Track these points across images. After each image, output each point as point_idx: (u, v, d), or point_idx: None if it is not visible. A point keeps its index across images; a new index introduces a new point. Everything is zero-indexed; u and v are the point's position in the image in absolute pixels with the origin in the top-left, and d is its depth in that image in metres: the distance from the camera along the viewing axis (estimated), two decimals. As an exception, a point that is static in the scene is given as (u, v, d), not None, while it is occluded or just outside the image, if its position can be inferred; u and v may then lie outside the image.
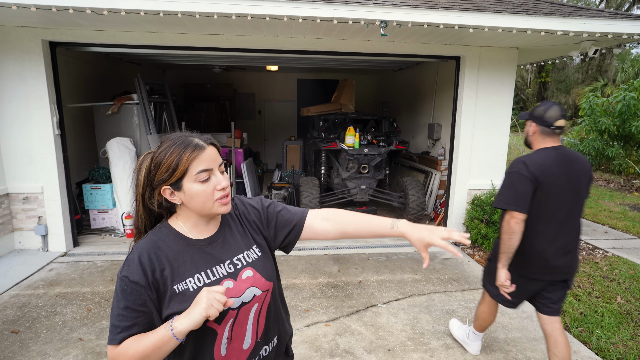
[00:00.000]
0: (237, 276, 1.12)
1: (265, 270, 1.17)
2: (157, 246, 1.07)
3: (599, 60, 21.41)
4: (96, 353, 2.78)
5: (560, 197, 2.20)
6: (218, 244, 1.14)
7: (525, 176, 2.17)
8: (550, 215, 2.22)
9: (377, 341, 3.00)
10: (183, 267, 1.07)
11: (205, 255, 1.11)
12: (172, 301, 1.04)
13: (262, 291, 1.15)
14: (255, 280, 1.14)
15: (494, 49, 4.92)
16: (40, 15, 3.69)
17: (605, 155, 9.40)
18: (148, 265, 1.04)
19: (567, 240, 2.25)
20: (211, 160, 1.07)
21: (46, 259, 4.42)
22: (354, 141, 5.83)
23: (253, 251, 1.18)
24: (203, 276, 1.08)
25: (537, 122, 2.28)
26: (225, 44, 4.58)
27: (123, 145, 5.32)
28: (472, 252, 4.90)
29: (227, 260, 1.13)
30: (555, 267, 2.26)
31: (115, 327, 1.02)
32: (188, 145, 1.06)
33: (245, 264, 1.15)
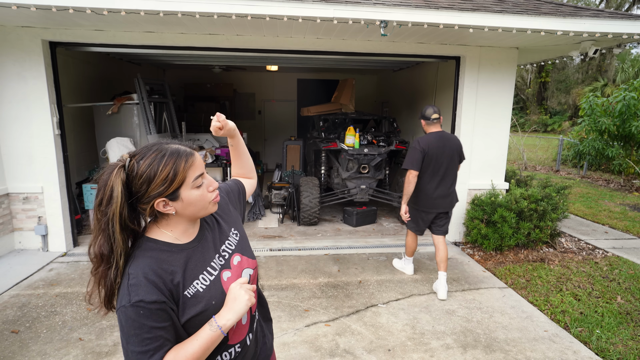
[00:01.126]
0: (230, 264, 1.19)
1: (246, 250, 1.28)
2: (155, 259, 1.04)
3: (599, 60, 21.42)
4: (96, 353, 2.78)
5: (440, 162, 3.66)
6: (204, 240, 1.18)
7: (418, 149, 3.63)
8: (434, 173, 3.68)
9: (377, 341, 3.00)
10: (187, 273, 1.08)
11: (199, 255, 1.14)
12: (187, 306, 1.04)
13: (253, 269, 1.26)
14: (244, 262, 1.24)
15: (494, 49, 4.92)
16: (40, 15, 3.69)
17: (605, 155, 9.39)
18: (159, 280, 1.01)
19: (445, 188, 3.72)
20: (201, 164, 1.10)
21: (46, 259, 4.42)
22: (354, 141, 5.83)
23: (232, 236, 1.26)
24: (206, 274, 1.12)
25: (423, 119, 3.75)
26: (225, 44, 4.58)
27: (123, 145, 5.32)
28: (472, 252, 4.90)
29: (217, 254, 1.18)
30: (439, 205, 3.74)
31: (145, 354, 0.96)
32: (180, 154, 1.05)
33: (231, 251, 1.22)
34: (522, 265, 4.47)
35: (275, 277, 4.07)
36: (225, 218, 1.29)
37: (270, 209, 6.58)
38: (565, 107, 24.67)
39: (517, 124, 15.31)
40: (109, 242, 0.99)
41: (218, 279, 1.13)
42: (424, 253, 4.85)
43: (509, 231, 4.59)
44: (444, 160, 3.65)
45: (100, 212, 1.00)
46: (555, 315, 3.43)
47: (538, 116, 25.31)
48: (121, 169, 1.02)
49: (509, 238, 4.67)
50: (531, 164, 12.93)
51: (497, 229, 4.64)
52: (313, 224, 5.87)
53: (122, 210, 0.99)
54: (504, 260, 4.61)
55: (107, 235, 0.99)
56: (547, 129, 23.33)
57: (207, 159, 6.15)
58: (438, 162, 3.64)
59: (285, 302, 3.54)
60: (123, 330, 0.98)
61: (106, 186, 0.99)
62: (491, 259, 4.66)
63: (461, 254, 4.84)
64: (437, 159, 3.63)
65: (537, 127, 21.66)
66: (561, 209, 4.85)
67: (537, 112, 26.14)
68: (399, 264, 4.34)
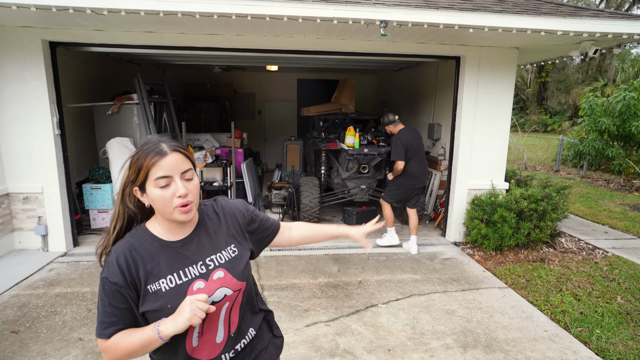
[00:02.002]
0: (208, 277, 1.16)
1: (237, 270, 1.21)
2: (133, 247, 1.12)
3: (599, 60, 21.42)
4: (96, 353, 2.78)
5: (414, 148, 4.78)
6: (192, 245, 1.18)
7: (400, 144, 4.72)
8: (413, 157, 4.78)
9: (377, 341, 3.00)
10: (157, 268, 1.12)
11: (178, 256, 1.15)
12: (146, 300, 1.10)
13: (233, 291, 1.19)
14: (226, 280, 1.18)
15: (494, 49, 4.92)
16: (40, 15, 3.69)
17: (605, 155, 9.39)
18: (125, 267, 1.10)
19: (422, 166, 4.85)
20: (170, 167, 1.08)
21: (46, 259, 4.42)
22: (354, 141, 5.83)
23: (228, 251, 1.23)
24: (175, 277, 1.13)
25: (389, 124, 4.95)
26: (225, 44, 4.58)
27: (123, 145, 5.32)
28: (472, 252, 4.90)
29: (200, 261, 1.17)
30: (421, 181, 4.87)
31: (103, 323, 1.10)
32: (152, 151, 1.09)
33: (217, 264, 1.19)
34: (522, 265, 4.47)
35: (275, 277, 4.07)
36: (229, 232, 1.26)
37: (270, 209, 6.58)
38: (565, 107, 24.67)
39: (517, 124, 15.31)
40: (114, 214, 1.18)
41: (185, 286, 1.12)
42: (424, 253, 4.85)
43: (509, 231, 4.59)
44: (417, 146, 4.82)
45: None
46: (555, 315, 3.43)
47: (538, 116, 25.31)
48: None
49: (509, 238, 4.67)
50: (531, 164, 12.93)
51: (497, 229, 4.64)
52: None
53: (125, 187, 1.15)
54: (504, 260, 4.61)
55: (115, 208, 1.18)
56: (547, 129, 23.33)
57: (207, 159, 6.15)
58: (413, 148, 4.79)
59: (285, 302, 3.54)
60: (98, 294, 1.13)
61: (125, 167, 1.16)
62: (491, 259, 4.66)
63: (461, 254, 4.85)
64: (413, 147, 4.78)
65: (537, 127, 21.66)
66: (561, 209, 4.85)
67: (537, 112, 26.15)
68: (386, 240, 5.02)
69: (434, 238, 5.42)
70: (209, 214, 1.27)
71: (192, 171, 1.15)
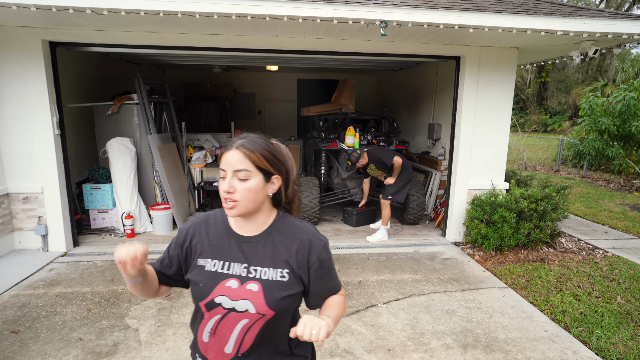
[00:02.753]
0: (244, 282, 1.14)
1: (272, 295, 1.12)
2: (206, 222, 1.25)
3: (599, 60, 21.43)
4: (96, 353, 2.78)
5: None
6: (249, 246, 1.19)
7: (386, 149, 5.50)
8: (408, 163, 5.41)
9: (377, 341, 3.00)
10: (211, 248, 1.20)
11: (232, 248, 1.19)
12: (193, 270, 1.20)
13: (257, 312, 1.12)
14: (255, 297, 1.12)
15: (494, 49, 4.92)
16: (40, 15, 3.69)
17: (605, 155, 9.39)
18: (190, 233, 1.24)
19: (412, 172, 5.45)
20: (226, 162, 1.13)
21: (46, 259, 4.42)
22: (354, 141, 5.83)
23: (277, 272, 1.15)
24: (219, 264, 1.18)
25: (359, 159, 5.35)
26: (225, 44, 4.58)
27: (123, 145, 5.32)
28: (472, 252, 4.90)
29: (245, 264, 1.16)
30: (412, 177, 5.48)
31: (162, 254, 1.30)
32: (227, 144, 1.18)
33: (258, 277, 1.14)
34: (522, 265, 4.47)
35: (275, 277, 4.07)
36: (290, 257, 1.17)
37: (270, 209, 6.56)
38: (565, 107, 24.67)
39: (517, 124, 15.30)
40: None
41: (221, 277, 1.16)
42: (424, 253, 4.85)
43: (509, 231, 4.59)
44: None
45: None
46: (555, 315, 3.43)
47: (538, 116, 25.31)
48: None
49: (509, 238, 4.67)
50: (531, 164, 12.93)
51: (497, 229, 4.64)
52: (313, 224, 5.86)
53: None
54: (504, 260, 4.61)
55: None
56: (547, 129, 23.32)
57: (207, 159, 6.15)
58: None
59: (285, 302, 3.53)
60: None
61: None
62: (491, 259, 4.66)
63: (461, 254, 4.85)
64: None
65: (537, 127, 21.66)
66: (561, 209, 4.85)
67: (537, 112, 26.14)
68: (378, 236, 5.25)
69: (434, 238, 5.43)
70: (283, 229, 1.20)
71: (248, 173, 1.11)
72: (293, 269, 1.16)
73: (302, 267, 1.17)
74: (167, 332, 3.05)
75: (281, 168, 1.19)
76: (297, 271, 1.17)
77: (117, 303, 3.48)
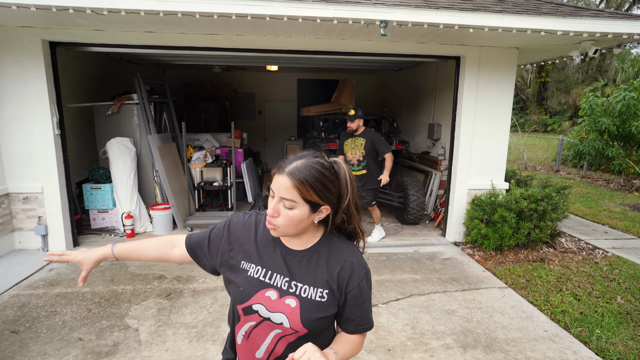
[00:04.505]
0: (283, 295, 1.15)
1: (308, 314, 1.12)
2: (257, 225, 1.25)
3: (599, 60, 21.42)
4: (96, 353, 2.78)
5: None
6: (294, 260, 1.18)
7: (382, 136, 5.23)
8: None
9: (377, 341, 3.00)
10: (256, 254, 1.20)
11: (277, 259, 1.19)
12: (233, 270, 1.21)
13: (291, 327, 1.12)
14: (291, 312, 1.12)
15: (494, 49, 4.92)
16: (40, 15, 3.69)
17: (605, 155, 9.39)
18: (241, 230, 1.24)
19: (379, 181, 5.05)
20: (276, 185, 1.11)
21: (46, 259, 4.41)
22: (354, 141, 5.82)
23: (317, 291, 1.14)
24: (262, 271, 1.18)
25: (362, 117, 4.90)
26: (225, 44, 4.58)
27: (123, 145, 5.32)
28: (472, 252, 4.90)
29: (287, 278, 1.16)
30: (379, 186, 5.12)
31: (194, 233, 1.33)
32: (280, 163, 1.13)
33: (297, 293, 1.14)
34: (522, 265, 4.47)
35: (275, 277, 4.07)
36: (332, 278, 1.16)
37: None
38: (565, 107, 24.67)
39: (517, 124, 15.30)
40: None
41: (262, 285, 1.16)
42: (424, 253, 4.85)
43: (509, 231, 4.59)
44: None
45: None
46: (555, 315, 3.43)
47: (538, 116, 25.31)
48: None
49: (509, 238, 4.66)
50: (531, 164, 12.93)
51: (497, 229, 4.64)
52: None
53: None
54: (504, 260, 4.61)
55: None
56: (547, 129, 23.32)
57: (207, 159, 6.15)
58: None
59: (285, 302, 3.53)
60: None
61: None
62: (491, 259, 4.66)
63: (461, 254, 4.84)
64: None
65: (537, 127, 21.66)
66: (561, 209, 4.85)
67: (537, 112, 26.14)
68: (376, 234, 5.26)
69: (434, 238, 5.43)
70: (329, 248, 1.19)
71: (294, 203, 1.08)
72: (333, 291, 1.15)
73: (341, 289, 1.16)
74: (167, 332, 3.05)
75: (332, 198, 1.13)
76: (336, 293, 1.16)
77: (117, 303, 3.48)
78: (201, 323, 3.16)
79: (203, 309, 3.39)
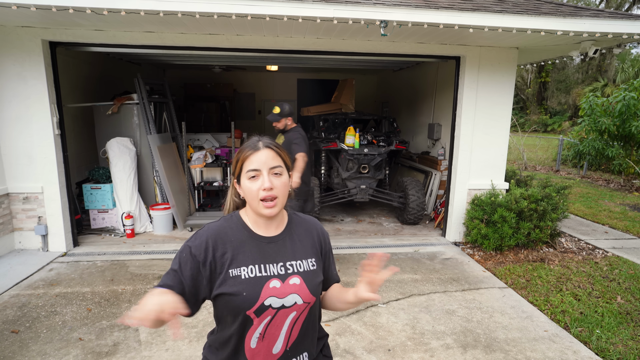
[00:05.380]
0: (285, 279, 1.20)
1: (312, 283, 1.23)
2: (224, 232, 1.20)
3: (599, 60, 21.42)
4: (96, 353, 2.78)
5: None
6: (277, 245, 1.23)
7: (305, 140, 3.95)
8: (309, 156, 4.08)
9: (377, 341, 3.00)
10: (242, 256, 1.18)
11: (262, 251, 1.21)
12: (226, 283, 1.15)
13: (303, 302, 1.21)
14: (300, 289, 1.21)
15: (494, 49, 4.92)
16: (40, 15, 3.69)
17: (605, 155, 9.39)
18: (211, 247, 1.17)
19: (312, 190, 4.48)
20: (260, 161, 1.17)
21: (46, 258, 4.42)
22: (354, 141, 5.83)
23: (308, 262, 1.26)
24: (256, 268, 1.18)
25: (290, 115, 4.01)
26: (225, 44, 4.58)
27: (123, 145, 5.32)
28: (472, 252, 4.90)
29: (280, 263, 1.21)
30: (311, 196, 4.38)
31: (161, 279, 1.17)
32: (248, 146, 1.20)
33: (296, 271, 1.22)
34: (522, 265, 4.47)
35: (275, 277, 4.07)
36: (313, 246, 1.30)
37: (270, 209, 6.56)
38: (565, 107, 24.67)
39: (517, 124, 15.30)
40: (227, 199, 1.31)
41: (263, 280, 1.17)
42: (424, 253, 4.85)
43: (509, 231, 4.59)
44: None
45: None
46: (555, 315, 3.43)
47: (538, 116, 25.31)
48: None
49: (509, 238, 4.66)
50: (531, 164, 12.93)
51: (497, 229, 4.64)
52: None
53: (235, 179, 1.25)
54: (504, 260, 4.61)
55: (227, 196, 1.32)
56: (547, 129, 23.32)
57: (207, 159, 6.15)
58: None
59: (285, 302, 3.54)
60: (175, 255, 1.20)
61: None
62: (491, 259, 4.66)
63: (461, 254, 4.84)
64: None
65: (537, 127, 21.65)
66: (561, 209, 4.85)
67: (537, 112, 26.14)
68: None
69: (434, 238, 5.43)
70: (298, 222, 1.32)
71: (283, 169, 1.20)
72: (318, 257, 1.30)
73: (320, 254, 1.32)
74: (167, 332, 3.05)
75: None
76: (320, 258, 1.31)
77: (117, 303, 3.48)
78: (201, 323, 3.16)
79: (203, 309, 3.38)
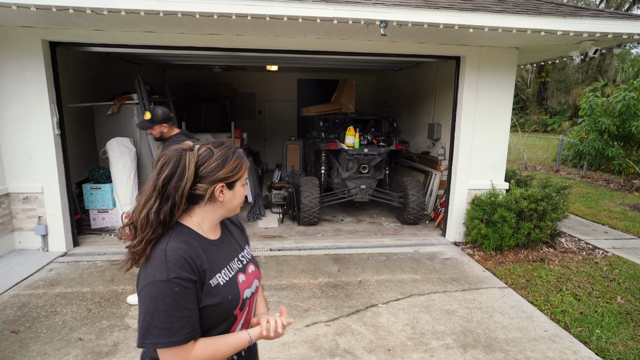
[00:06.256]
0: (245, 270, 1.31)
1: (257, 264, 1.42)
2: (191, 245, 1.14)
3: (599, 60, 21.42)
4: (96, 353, 2.78)
5: None
6: (226, 243, 1.30)
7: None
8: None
9: (377, 341, 3.00)
10: (212, 264, 1.18)
11: (222, 253, 1.25)
12: (207, 295, 1.13)
13: (259, 282, 1.39)
14: (256, 273, 1.37)
15: (494, 49, 4.92)
16: (40, 15, 3.69)
17: (605, 155, 9.39)
18: (193, 263, 1.10)
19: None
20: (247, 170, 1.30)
21: (46, 258, 4.42)
22: (354, 141, 5.83)
23: (247, 249, 1.40)
24: (227, 271, 1.23)
25: (168, 120, 3.40)
26: (225, 44, 4.58)
27: (123, 145, 5.32)
28: (472, 252, 4.90)
29: (236, 257, 1.31)
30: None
31: (169, 330, 1.02)
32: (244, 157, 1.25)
33: (248, 260, 1.36)
34: (522, 265, 4.47)
35: (275, 277, 4.07)
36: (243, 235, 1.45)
37: (270, 209, 6.57)
38: (565, 107, 24.66)
39: (517, 124, 15.30)
40: (172, 211, 1.12)
41: (235, 278, 1.24)
42: (424, 253, 4.85)
43: (509, 231, 4.59)
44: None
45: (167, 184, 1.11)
46: (555, 315, 3.43)
47: (538, 116, 25.30)
48: (192, 153, 1.15)
49: (509, 238, 4.66)
50: (531, 164, 12.93)
51: (497, 229, 4.64)
52: (313, 224, 5.87)
53: (189, 184, 1.13)
54: (504, 260, 4.61)
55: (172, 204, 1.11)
56: (547, 129, 23.32)
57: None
58: None
59: (285, 302, 3.54)
60: (150, 304, 1.03)
61: (180, 162, 1.12)
62: (491, 259, 4.66)
63: (461, 254, 4.84)
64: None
65: (537, 127, 21.65)
66: (561, 209, 4.85)
67: (537, 112, 26.14)
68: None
69: (434, 238, 5.43)
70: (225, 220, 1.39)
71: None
72: (247, 240, 1.46)
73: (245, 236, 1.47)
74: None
75: None
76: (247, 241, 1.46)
77: (117, 303, 3.48)
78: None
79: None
